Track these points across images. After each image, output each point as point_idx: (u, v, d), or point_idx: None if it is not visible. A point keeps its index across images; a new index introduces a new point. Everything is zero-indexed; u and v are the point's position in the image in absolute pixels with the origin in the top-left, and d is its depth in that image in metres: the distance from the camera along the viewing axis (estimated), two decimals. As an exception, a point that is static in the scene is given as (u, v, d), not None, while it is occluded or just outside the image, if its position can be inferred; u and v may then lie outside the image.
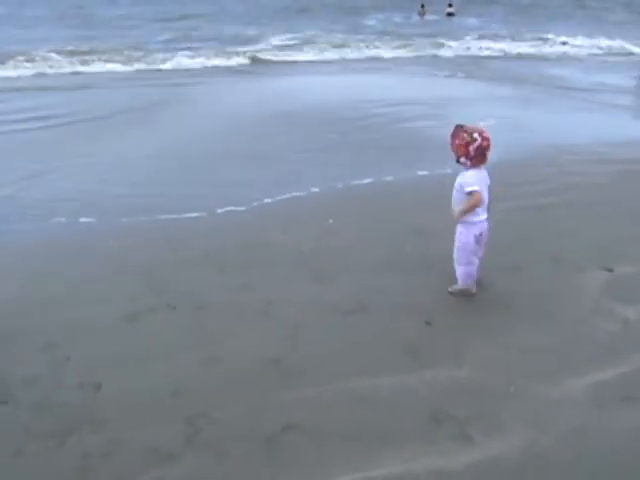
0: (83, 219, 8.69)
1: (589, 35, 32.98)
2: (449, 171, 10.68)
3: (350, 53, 28.21)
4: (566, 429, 4.78)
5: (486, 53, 29.16)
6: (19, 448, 4.57)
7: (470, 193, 6.12)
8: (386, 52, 28.61)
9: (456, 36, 33.19)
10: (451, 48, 29.86)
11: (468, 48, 30.24)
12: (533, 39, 32.72)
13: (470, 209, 6.23)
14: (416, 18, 46.77)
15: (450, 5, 47.63)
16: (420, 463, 4.42)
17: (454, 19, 45.51)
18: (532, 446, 4.60)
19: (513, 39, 32.86)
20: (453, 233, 6.73)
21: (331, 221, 8.46)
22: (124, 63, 24.22)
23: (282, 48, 29.24)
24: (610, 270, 7.20)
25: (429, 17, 46.89)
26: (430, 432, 4.73)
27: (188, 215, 8.78)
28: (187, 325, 6.14)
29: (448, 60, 26.85)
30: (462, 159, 6.18)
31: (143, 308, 6.38)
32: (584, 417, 4.90)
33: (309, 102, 16.51)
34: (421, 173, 10.71)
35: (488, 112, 15.81)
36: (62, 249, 7.85)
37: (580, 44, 31.29)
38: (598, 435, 4.73)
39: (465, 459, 4.46)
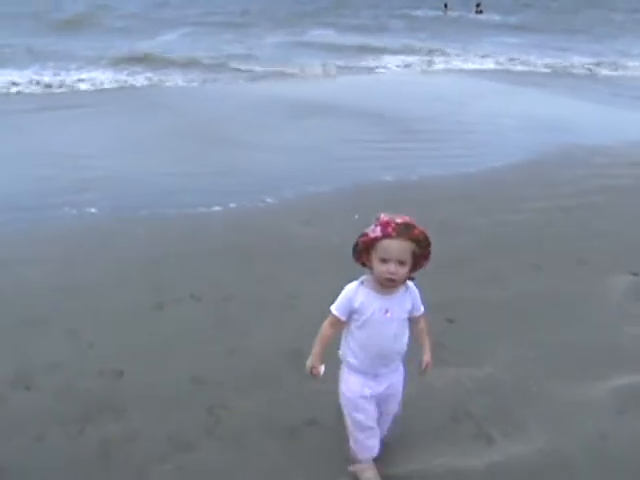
0: (109, 209, 8.75)
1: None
2: (472, 170, 10.77)
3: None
4: (587, 432, 4.73)
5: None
6: (41, 433, 4.59)
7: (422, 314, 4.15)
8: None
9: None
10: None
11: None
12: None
13: None
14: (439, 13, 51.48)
15: (478, 5, 52.83)
16: (439, 462, 4.40)
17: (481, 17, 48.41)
18: (552, 448, 4.56)
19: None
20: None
21: (357, 216, 8.45)
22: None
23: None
24: (636, 274, 7.14)
25: (452, 14, 51.29)
26: (450, 431, 4.72)
27: (214, 208, 8.82)
28: (212, 316, 6.15)
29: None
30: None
31: (168, 298, 6.41)
32: (606, 421, 4.86)
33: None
34: (445, 170, 10.71)
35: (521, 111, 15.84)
36: (88, 237, 7.90)
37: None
38: (619, 440, 4.68)
39: (484, 459, 4.43)
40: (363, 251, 3.80)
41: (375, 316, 3.85)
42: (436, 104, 17.08)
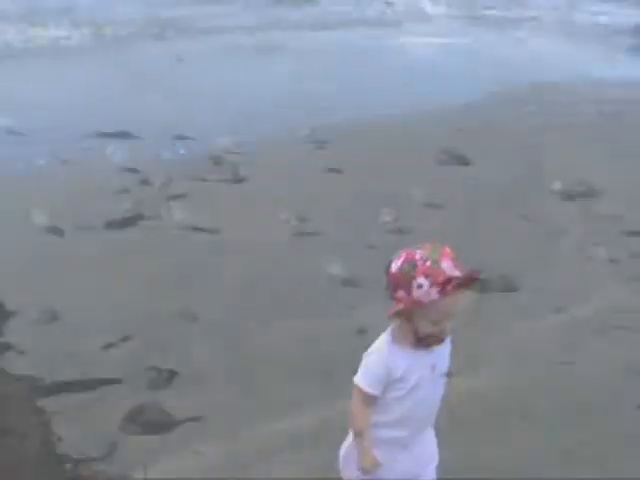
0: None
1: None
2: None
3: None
4: (539, 366, 4.82)
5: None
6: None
7: None
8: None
9: None
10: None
11: None
12: None
13: None
14: None
15: None
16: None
17: None
18: (504, 382, 4.63)
19: None
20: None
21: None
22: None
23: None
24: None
25: None
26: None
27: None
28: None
29: None
30: None
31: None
32: (559, 353, 4.98)
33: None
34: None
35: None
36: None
37: None
38: (573, 370, 4.79)
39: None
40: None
41: (423, 380, 2.77)
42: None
